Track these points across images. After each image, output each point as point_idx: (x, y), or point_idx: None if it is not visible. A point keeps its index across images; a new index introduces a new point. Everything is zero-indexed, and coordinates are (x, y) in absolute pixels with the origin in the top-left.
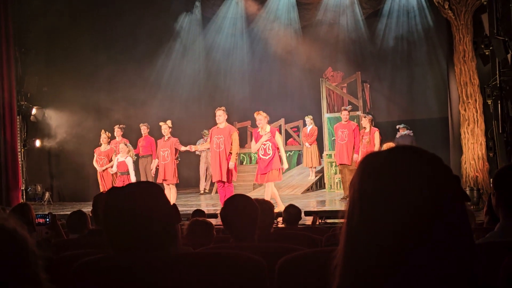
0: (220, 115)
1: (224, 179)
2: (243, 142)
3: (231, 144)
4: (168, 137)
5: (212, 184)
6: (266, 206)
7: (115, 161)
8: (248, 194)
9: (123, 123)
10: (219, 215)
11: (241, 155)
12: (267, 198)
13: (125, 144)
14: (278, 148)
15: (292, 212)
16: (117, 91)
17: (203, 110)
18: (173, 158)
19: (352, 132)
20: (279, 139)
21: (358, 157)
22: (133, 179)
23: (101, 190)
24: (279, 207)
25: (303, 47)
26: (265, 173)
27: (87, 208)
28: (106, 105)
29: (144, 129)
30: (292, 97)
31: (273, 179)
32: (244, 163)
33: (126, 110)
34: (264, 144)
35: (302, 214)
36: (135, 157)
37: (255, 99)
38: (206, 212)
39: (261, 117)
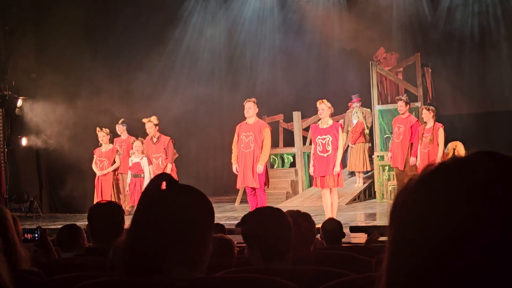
0: (250, 108)
1: (256, 184)
2: (274, 142)
3: (263, 142)
4: (158, 138)
5: (231, 190)
6: (303, 219)
7: (130, 161)
8: (280, 206)
9: (128, 118)
10: (240, 230)
11: (271, 156)
12: (334, 208)
13: (141, 142)
14: (337, 148)
15: (329, 228)
16: (120, 78)
17: (225, 102)
18: (170, 163)
19: (409, 128)
20: (342, 137)
21: (415, 161)
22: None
23: (96, 199)
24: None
25: (348, 23)
26: (325, 175)
27: (83, 221)
28: (108, 97)
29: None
30: (334, 84)
31: (337, 184)
32: (275, 167)
33: (131, 103)
34: (324, 139)
35: (347, 230)
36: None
37: (288, 87)
38: (226, 226)
39: (324, 107)
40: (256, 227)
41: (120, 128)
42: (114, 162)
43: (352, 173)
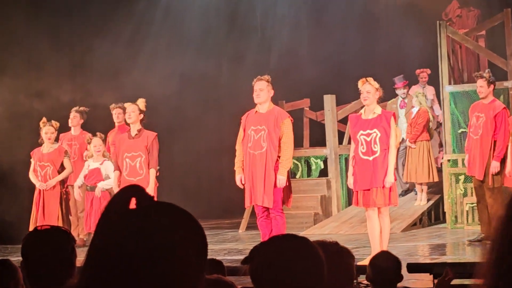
0: (262, 90)
1: (269, 203)
2: (296, 140)
3: (281, 140)
4: (139, 131)
5: (234, 210)
6: (338, 255)
7: (85, 167)
8: (305, 234)
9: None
10: (247, 270)
11: (293, 161)
12: (384, 237)
13: (101, 139)
14: (388, 148)
15: (382, 266)
16: (70, 48)
17: (224, 81)
18: (154, 168)
19: (492, 119)
20: (396, 132)
21: (498, 167)
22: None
23: (33, 223)
24: (373, 253)
25: None
26: (370, 188)
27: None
28: (52, 74)
29: (118, 115)
30: (384, 56)
31: (389, 201)
32: (298, 176)
33: (85, 83)
34: (368, 135)
35: (403, 269)
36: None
37: (317, 60)
38: (226, 264)
39: (370, 89)
40: (271, 265)
41: (73, 119)
42: (62, 168)
43: (410, 186)
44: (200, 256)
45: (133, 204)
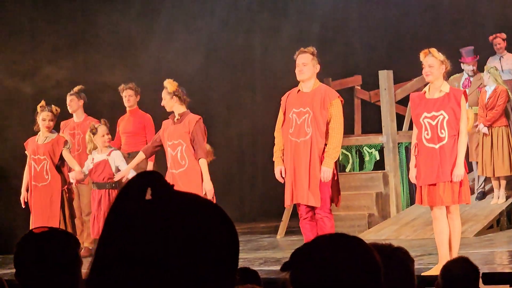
0: (306, 64)
1: (315, 201)
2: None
3: (328, 125)
4: (182, 115)
5: (270, 213)
6: (398, 260)
7: (88, 161)
8: (360, 235)
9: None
10: (287, 279)
11: (342, 151)
12: (454, 242)
13: (106, 125)
14: (459, 133)
15: (459, 274)
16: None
17: (256, 56)
18: (204, 158)
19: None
20: (467, 114)
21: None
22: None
23: (32, 225)
24: (441, 262)
25: None
26: (437, 183)
27: (9, 269)
28: (47, 47)
29: (129, 97)
30: (452, 22)
31: (459, 199)
32: (348, 169)
33: (94, 62)
34: (434, 118)
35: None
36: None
37: (370, 30)
38: (261, 275)
39: (433, 62)
40: (317, 271)
41: (71, 104)
42: (62, 161)
43: (485, 181)
44: (232, 260)
45: (148, 194)
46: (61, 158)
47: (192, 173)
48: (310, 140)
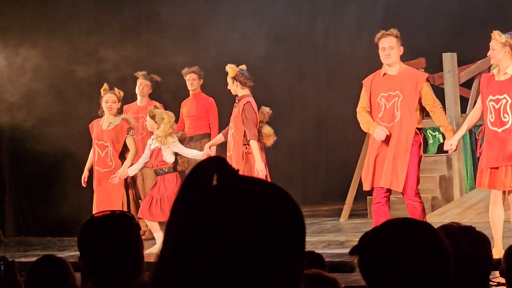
0: (393, 48)
1: (399, 186)
2: None
3: (419, 109)
4: (238, 99)
5: (333, 196)
6: (469, 241)
7: (146, 149)
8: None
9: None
10: (356, 263)
11: None
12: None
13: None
14: None
15: None
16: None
17: (319, 41)
18: (241, 143)
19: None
20: None
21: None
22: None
23: (95, 210)
24: (497, 248)
25: None
26: (499, 167)
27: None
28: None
29: (193, 81)
30: None
31: None
32: None
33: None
34: (498, 101)
35: None
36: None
37: (434, 12)
38: (326, 258)
39: (494, 44)
40: (386, 255)
41: (144, 87)
42: (126, 148)
43: None
44: (299, 242)
45: (214, 180)
46: (125, 144)
47: (236, 156)
48: (400, 123)
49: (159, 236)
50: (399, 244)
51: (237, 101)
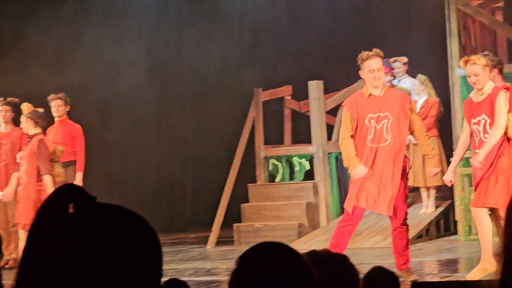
0: (381, 69)
1: (389, 211)
2: (276, 135)
3: (413, 128)
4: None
5: (204, 222)
6: (338, 271)
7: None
8: (290, 245)
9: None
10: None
11: (271, 162)
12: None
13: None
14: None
15: (376, 280)
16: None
17: (185, 67)
18: (34, 179)
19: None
20: (504, 107)
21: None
22: None
23: None
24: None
25: None
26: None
27: None
28: None
29: (59, 107)
30: (381, 35)
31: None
32: (278, 179)
33: (22, 71)
34: (479, 122)
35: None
36: None
37: (300, 40)
38: (192, 286)
39: (478, 67)
40: (253, 278)
41: (5, 113)
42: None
43: (414, 190)
44: (153, 265)
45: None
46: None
47: (27, 192)
48: (390, 146)
49: None
50: (266, 268)
51: (29, 139)
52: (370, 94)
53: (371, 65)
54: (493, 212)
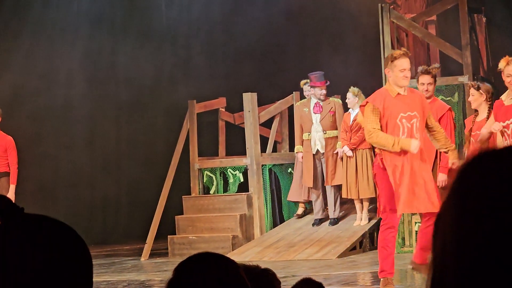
0: (408, 68)
1: (435, 207)
2: (211, 146)
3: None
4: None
5: (139, 234)
6: (265, 281)
7: None
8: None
9: None
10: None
11: (205, 173)
12: None
13: None
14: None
15: None
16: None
17: (120, 75)
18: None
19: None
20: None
21: (445, 180)
22: None
23: None
24: None
25: None
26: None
27: None
28: None
29: None
30: (316, 47)
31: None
32: (212, 191)
33: None
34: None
35: None
36: None
37: (234, 53)
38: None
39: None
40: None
41: None
42: None
43: (347, 203)
44: (83, 275)
45: None
46: None
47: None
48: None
49: None
50: (201, 277)
51: None
52: (398, 94)
53: (403, 64)
54: None
